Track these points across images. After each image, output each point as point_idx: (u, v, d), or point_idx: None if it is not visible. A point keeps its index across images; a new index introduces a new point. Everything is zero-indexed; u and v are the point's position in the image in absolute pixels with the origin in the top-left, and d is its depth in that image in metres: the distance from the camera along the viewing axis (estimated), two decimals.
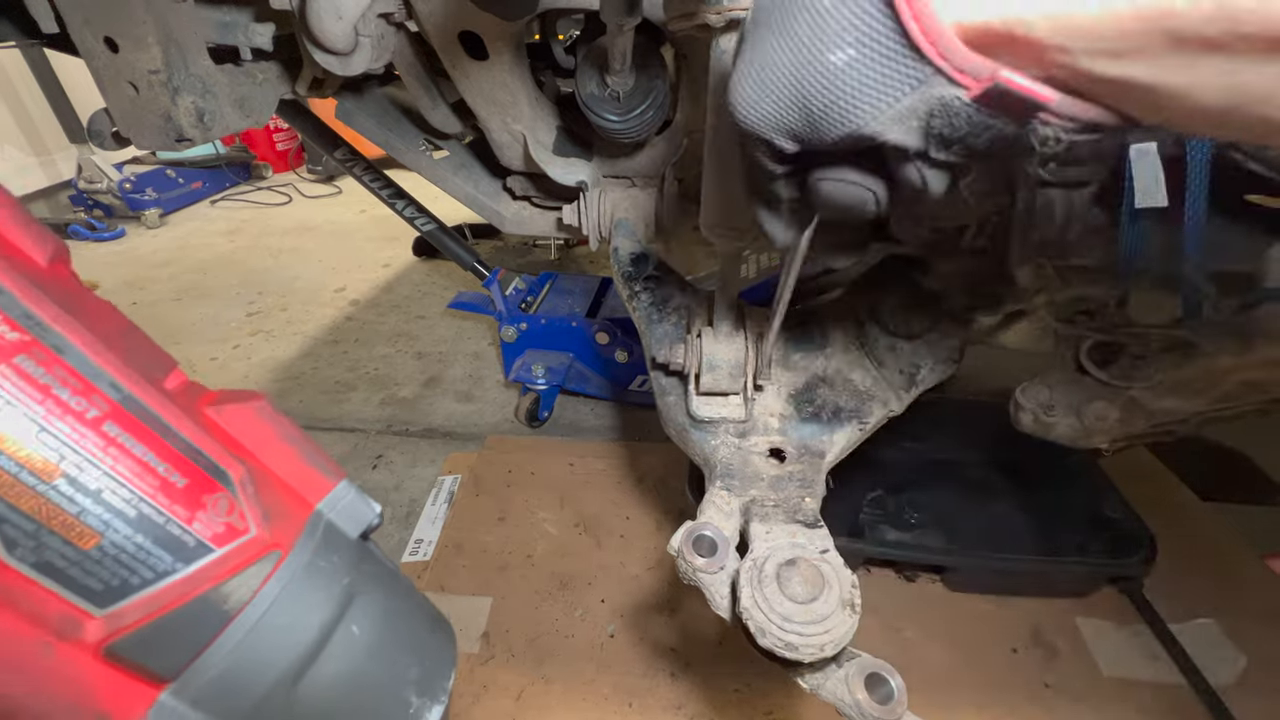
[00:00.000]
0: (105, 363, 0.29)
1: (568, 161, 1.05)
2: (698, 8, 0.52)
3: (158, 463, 0.29)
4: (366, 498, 0.39)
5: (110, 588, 0.28)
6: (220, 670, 0.30)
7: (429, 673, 0.38)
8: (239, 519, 0.31)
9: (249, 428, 0.35)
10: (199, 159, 3.94)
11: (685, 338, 0.78)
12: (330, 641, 0.33)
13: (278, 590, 0.31)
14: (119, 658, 0.28)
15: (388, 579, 0.39)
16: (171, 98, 0.89)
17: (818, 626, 0.51)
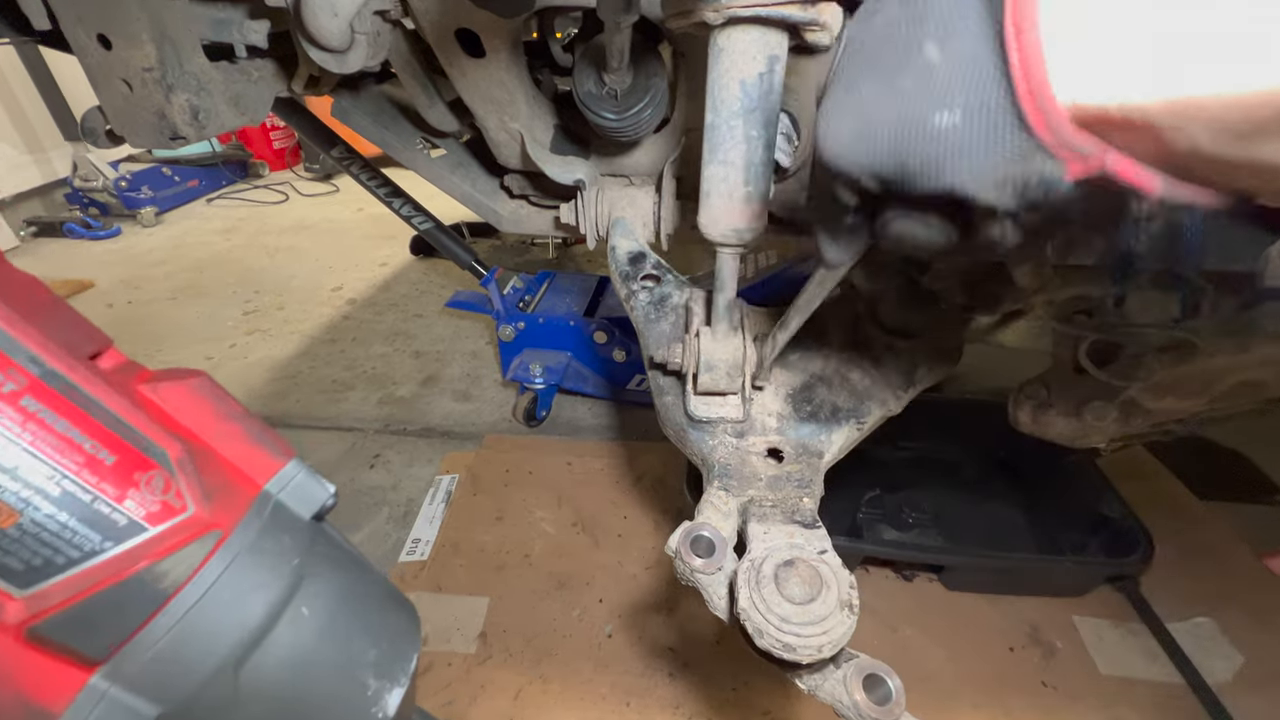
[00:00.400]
0: (23, 336, 0.27)
1: (565, 160, 1.04)
2: (695, 5, 0.52)
3: (83, 439, 0.28)
4: (319, 477, 0.37)
5: (32, 567, 0.27)
6: (157, 652, 0.29)
7: (388, 655, 0.37)
8: (175, 497, 0.30)
9: (188, 406, 0.34)
10: (195, 157, 3.92)
11: (683, 337, 0.78)
12: (278, 623, 0.32)
13: (219, 570, 0.30)
14: (43, 639, 0.27)
15: (343, 560, 0.38)
16: (166, 95, 0.88)
17: (815, 628, 0.51)
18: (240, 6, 0.91)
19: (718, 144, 0.59)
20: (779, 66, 0.55)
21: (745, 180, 0.60)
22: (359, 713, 0.35)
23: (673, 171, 1.02)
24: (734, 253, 0.66)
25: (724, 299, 0.71)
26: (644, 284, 0.90)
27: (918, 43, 0.29)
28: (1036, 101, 0.26)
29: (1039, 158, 0.27)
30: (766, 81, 0.55)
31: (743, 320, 0.76)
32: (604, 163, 1.07)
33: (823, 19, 0.52)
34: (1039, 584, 1.26)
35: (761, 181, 0.61)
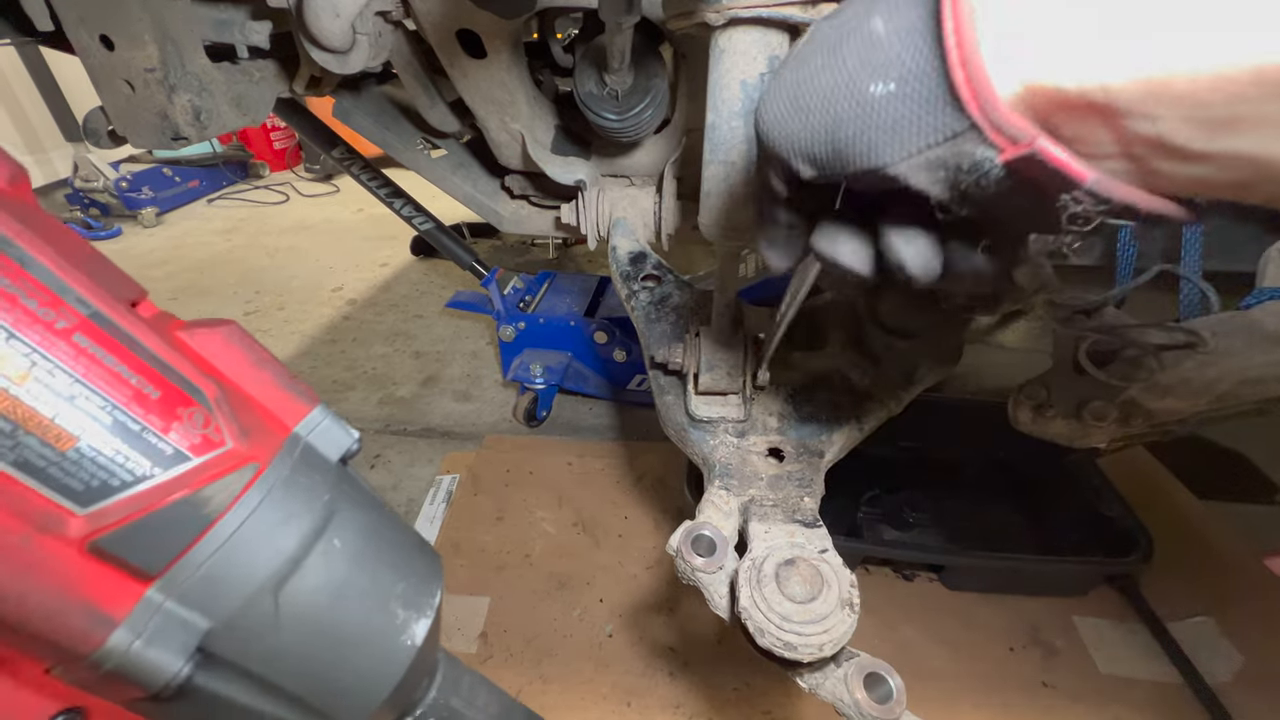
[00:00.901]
0: (72, 279, 0.29)
1: (566, 160, 1.05)
2: (697, 6, 0.52)
3: (130, 374, 0.30)
4: (344, 423, 0.39)
5: (90, 488, 0.29)
6: (205, 571, 0.31)
7: (414, 588, 0.39)
8: (215, 432, 0.32)
9: (222, 351, 0.36)
10: (196, 157, 3.92)
11: (684, 337, 0.78)
12: (312, 552, 0.34)
13: (258, 500, 0.33)
14: (103, 553, 0.29)
15: (369, 501, 0.40)
16: (168, 96, 0.88)
17: (816, 626, 0.51)
18: (242, 7, 0.92)
19: (718, 144, 0.59)
20: None
21: (746, 180, 0.60)
22: (390, 638, 0.37)
23: (673, 172, 1.02)
24: (734, 253, 0.66)
25: (724, 299, 0.71)
26: (645, 284, 0.91)
27: (867, 16, 0.28)
28: (969, 73, 0.25)
29: (970, 137, 0.26)
30: (767, 82, 0.55)
31: (743, 320, 0.76)
32: (605, 163, 1.08)
33: None
34: (1039, 584, 1.26)
35: None
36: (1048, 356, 0.81)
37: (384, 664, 0.37)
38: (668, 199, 1.04)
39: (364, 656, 0.36)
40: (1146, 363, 0.74)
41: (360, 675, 0.36)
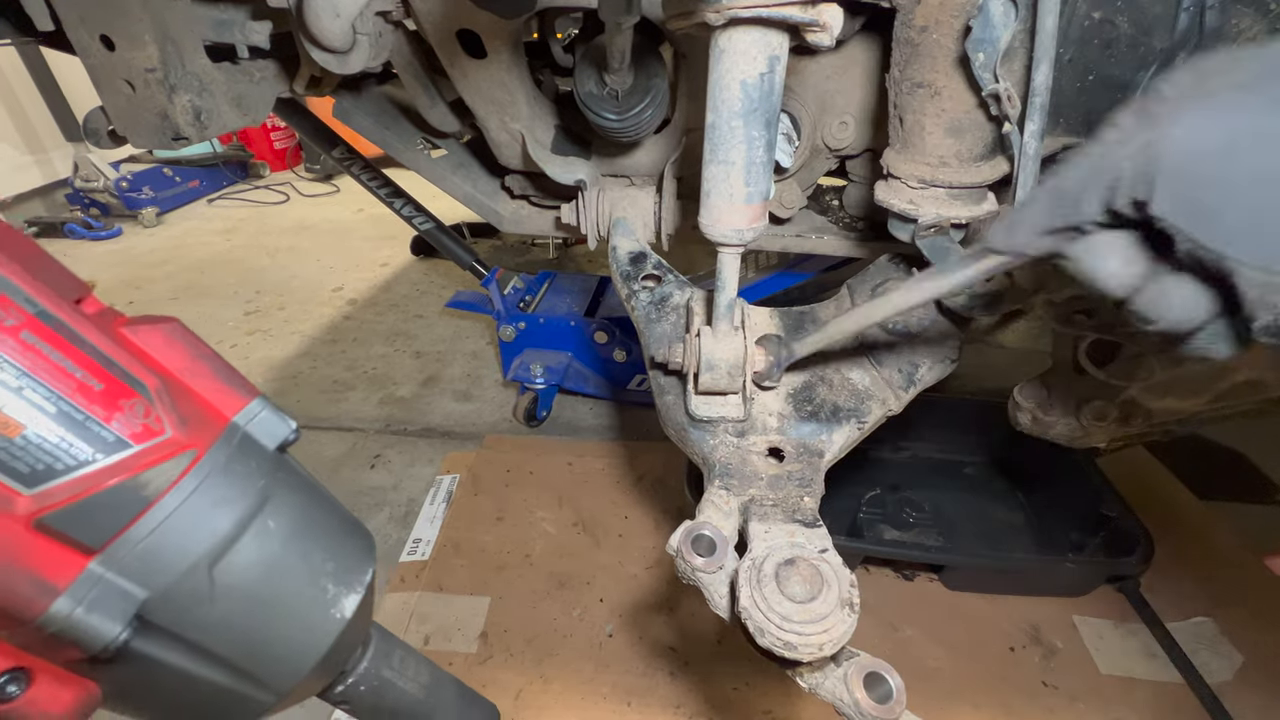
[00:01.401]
0: (19, 279, 0.32)
1: (566, 160, 1.05)
2: (697, 6, 0.52)
3: (74, 368, 0.33)
4: (283, 414, 0.43)
5: (36, 471, 0.32)
6: (143, 547, 0.34)
7: (345, 566, 0.42)
8: (155, 422, 0.35)
9: (163, 346, 0.39)
10: (196, 158, 3.92)
11: (684, 337, 0.78)
12: (246, 532, 0.38)
13: (194, 485, 0.36)
14: (48, 529, 0.32)
15: (304, 486, 0.43)
16: (168, 96, 0.88)
17: (816, 626, 0.51)
18: (242, 7, 0.92)
19: (718, 144, 0.59)
20: (780, 67, 0.55)
21: (746, 180, 0.60)
22: (319, 611, 0.41)
23: (673, 172, 1.02)
24: (735, 252, 0.66)
25: (725, 298, 0.71)
26: (645, 284, 0.91)
27: None
28: None
29: None
30: (767, 82, 0.55)
31: (743, 320, 0.76)
32: (605, 163, 1.08)
33: (823, 20, 0.52)
34: (1039, 584, 1.26)
35: (762, 181, 0.61)
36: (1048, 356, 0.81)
37: (313, 634, 0.41)
38: (668, 199, 1.04)
39: (294, 627, 0.40)
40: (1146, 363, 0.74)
41: (290, 644, 0.40)
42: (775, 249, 1.14)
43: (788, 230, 1.10)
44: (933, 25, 0.63)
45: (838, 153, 0.98)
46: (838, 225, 1.10)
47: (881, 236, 1.05)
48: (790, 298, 1.57)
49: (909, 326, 0.83)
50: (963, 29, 0.61)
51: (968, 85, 0.64)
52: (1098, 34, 0.68)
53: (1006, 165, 0.70)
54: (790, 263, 1.60)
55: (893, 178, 0.74)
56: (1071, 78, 0.70)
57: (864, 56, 0.88)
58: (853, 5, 0.71)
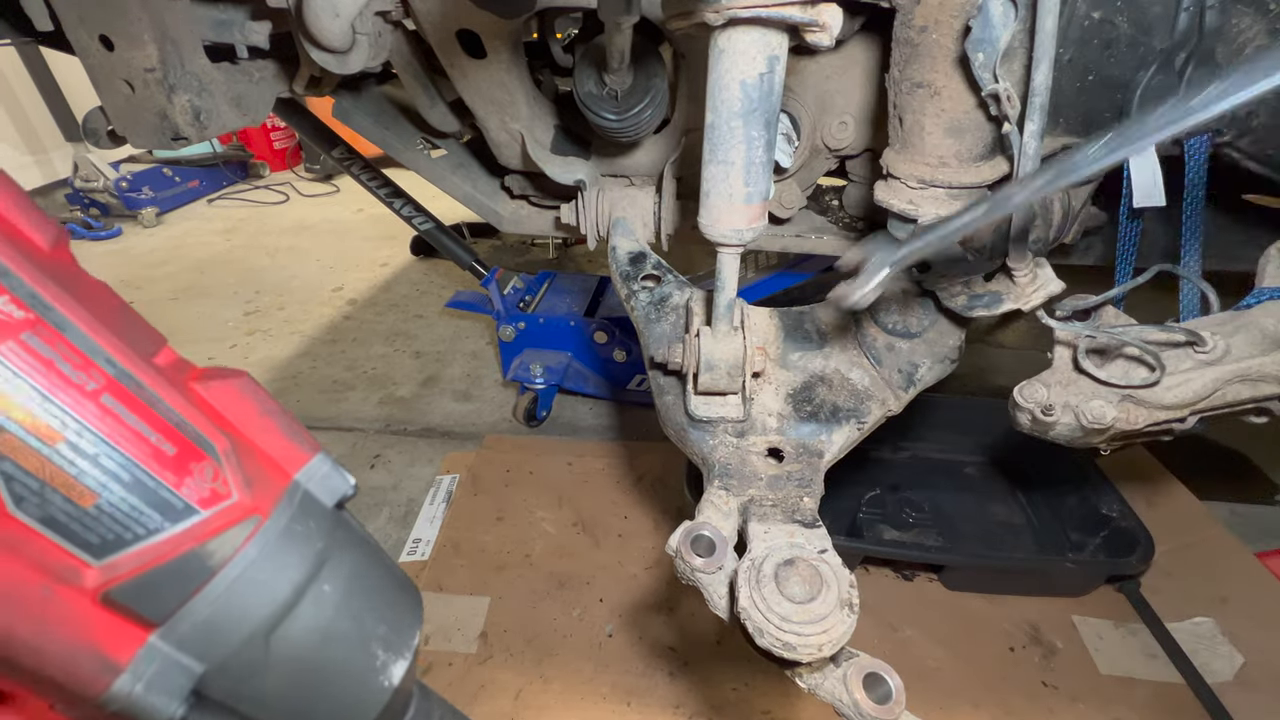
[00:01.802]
0: (102, 340, 0.32)
1: (566, 160, 1.05)
2: (696, 6, 0.52)
3: (150, 432, 0.33)
4: (342, 470, 0.42)
5: (106, 541, 0.31)
6: (203, 618, 0.33)
7: (395, 631, 0.41)
8: (223, 485, 0.35)
9: (232, 402, 0.38)
10: (196, 158, 3.92)
11: (683, 337, 0.78)
12: (304, 598, 0.37)
13: (257, 551, 0.35)
14: (114, 603, 0.31)
15: (359, 545, 0.42)
16: (167, 96, 0.88)
17: (816, 626, 0.51)
18: (242, 7, 0.92)
19: (718, 144, 0.59)
20: (779, 67, 0.55)
21: (745, 180, 0.60)
22: (369, 680, 0.40)
23: (673, 172, 1.02)
24: (734, 253, 0.66)
25: (724, 299, 0.71)
26: (644, 284, 0.91)
27: None
28: None
29: None
30: (767, 82, 0.55)
31: (743, 320, 0.76)
32: (604, 163, 1.08)
33: (822, 20, 0.52)
34: (1039, 584, 1.26)
35: (762, 181, 0.61)
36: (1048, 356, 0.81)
37: (362, 704, 0.40)
38: (667, 199, 1.04)
39: (343, 696, 0.39)
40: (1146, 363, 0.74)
41: (338, 713, 0.39)
42: (775, 249, 1.14)
43: (787, 230, 1.10)
44: (932, 25, 0.63)
45: (837, 153, 0.98)
46: (837, 225, 1.10)
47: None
48: (790, 298, 1.57)
49: (909, 327, 0.83)
50: (962, 29, 0.61)
51: (967, 85, 0.64)
52: (1098, 34, 0.68)
53: (1006, 165, 0.70)
54: (790, 263, 1.60)
55: (892, 178, 0.74)
56: (1071, 78, 0.70)
57: (864, 56, 0.88)
58: (852, 5, 0.71)
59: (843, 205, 1.11)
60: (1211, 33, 0.66)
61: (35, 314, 0.30)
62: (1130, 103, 0.70)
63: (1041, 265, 0.71)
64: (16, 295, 0.30)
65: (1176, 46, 0.67)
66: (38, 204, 0.36)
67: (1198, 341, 0.72)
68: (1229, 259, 0.97)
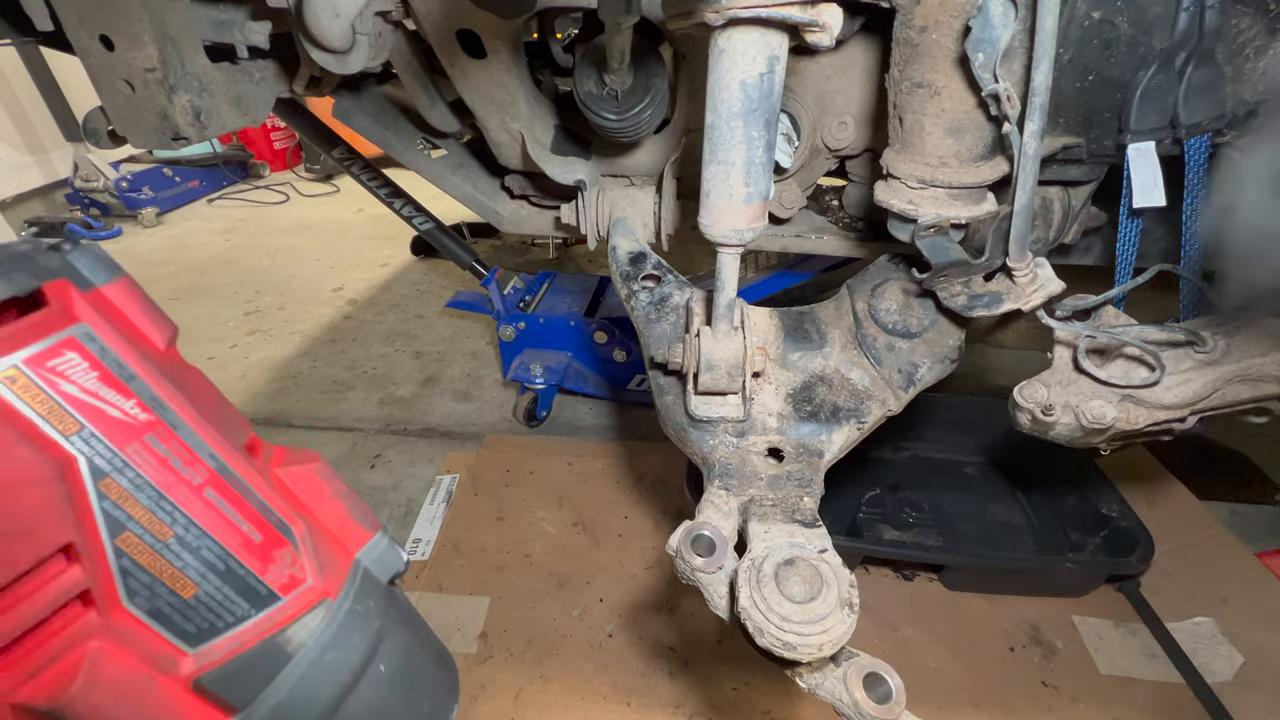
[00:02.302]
0: (206, 435, 0.34)
1: (566, 160, 1.05)
2: (696, 6, 0.52)
3: (242, 522, 0.35)
4: (397, 547, 0.44)
5: (201, 630, 0.33)
6: (279, 702, 0.35)
7: (438, 706, 0.43)
8: (299, 570, 0.37)
9: (309, 486, 0.41)
10: (196, 158, 3.92)
11: (683, 337, 0.78)
12: (363, 678, 0.38)
13: (328, 634, 0.37)
14: (204, 691, 0.33)
15: (409, 623, 0.44)
16: (168, 96, 0.88)
17: (816, 626, 0.51)
18: (242, 7, 0.92)
19: (718, 144, 0.59)
20: (779, 67, 0.55)
21: (745, 180, 0.60)
22: None
23: (673, 172, 1.02)
24: (734, 253, 0.66)
25: (724, 299, 0.71)
26: (644, 284, 0.91)
27: None
28: None
29: None
30: (767, 82, 0.55)
31: (743, 320, 0.76)
32: (605, 163, 1.08)
33: (822, 20, 0.52)
34: (1039, 584, 1.26)
35: (762, 182, 0.61)
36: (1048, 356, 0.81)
37: None
38: (667, 199, 1.04)
39: None
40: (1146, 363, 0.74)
41: None
42: (775, 249, 1.14)
43: (787, 230, 1.10)
44: (932, 25, 0.63)
45: (837, 153, 0.98)
46: (837, 225, 1.10)
47: (881, 236, 1.05)
48: (790, 298, 1.57)
49: (909, 326, 0.83)
50: (962, 29, 0.61)
51: (967, 85, 0.64)
52: (1098, 34, 0.68)
53: (1006, 165, 0.70)
54: (790, 263, 1.60)
55: (892, 178, 0.74)
56: (1071, 78, 0.70)
57: (864, 56, 0.88)
58: (852, 5, 0.71)
59: (843, 205, 1.11)
60: (1211, 33, 0.66)
61: (155, 415, 0.32)
62: (1130, 103, 0.70)
63: (1041, 265, 0.71)
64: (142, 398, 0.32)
65: (1176, 46, 0.67)
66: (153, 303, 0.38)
67: (1198, 341, 0.72)
68: None
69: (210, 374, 0.42)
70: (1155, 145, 0.73)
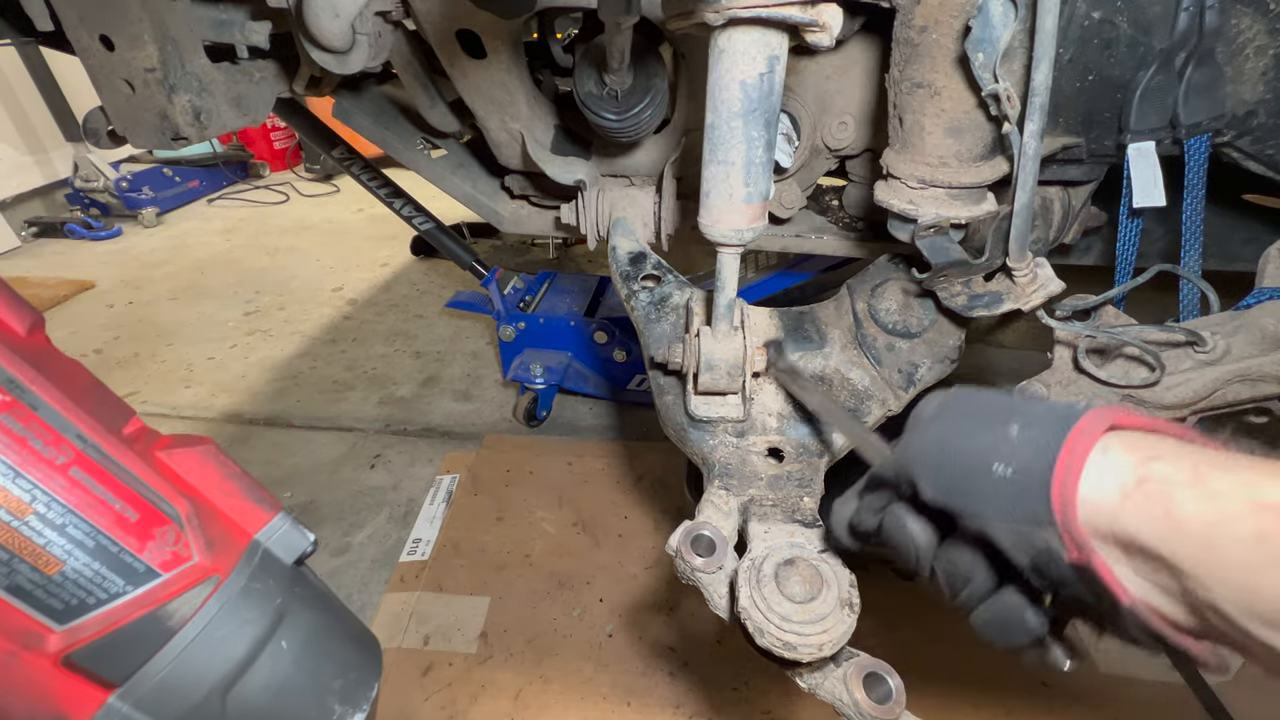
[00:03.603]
0: (73, 416, 0.34)
1: (566, 160, 1.05)
2: (696, 6, 0.52)
3: (114, 500, 0.34)
4: (302, 528, 0.43)
5: (70, 606, 0.32)
6: (162, 678, 0.34)
7: (352, 684, 0.43)
8: (183, 548, 0.36)
9: (196, 469, 0.40)
10: (196, 158, 3.92)
11: (683, 337, 0.78)
12: (261, 654, 0.38)
13: (216, 609, 0.36)
14: (75, 666, 0.32)
15: (318, 600, 0.43)
16: (168, 96, 0.88)
17: (816, 626, 0.51)
18: (242, 7, 0.92)
19: (718, 144, 0.59)
20: (779, 67, 0.55)
21: (745, 180, 0.60)
22: None
23: (673, 172, 1.02)
24: (734, 253, 0.67)
25: (724, 299, 0.71)
26: (644, 284, 0.91)
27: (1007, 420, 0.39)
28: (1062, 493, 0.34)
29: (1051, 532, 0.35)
30: (767, 82, 0.55)
31: (743, 320, 0.76)
32: (605, 163, 1.08)
33: (822, 20, 0.52)
34: None
35: (762, 181, 0.61)
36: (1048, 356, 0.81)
37: None
38: (667, 199, 1.04)
39: None
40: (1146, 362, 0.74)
41: None
42: (775, 249, 1.14)
43: (787, 230, 1.10)
44: (932, 25, 0.63)
45: (837, 153, 0.98)
46: (837, 225, 1.10)
47: (881, 236, 1.05)
48: (790, 298, 1.57)
49: (909, 326, 0.83)
50: (962, 29, 0.61)
51: (967, 85, 0.64)
52: (1098, 34, 0.68)
53: (1006, 165, 0.70)
54: (790, 263, 1.60)
55: (892, 178, 0.74)
56: (1071, 78, 0.70)
57: (864, 56, 0.88)
58: (852, 5, 0.71)
59: (843, 205, 1.11)
60: (1211, 33, 0.66)
61: (11, 396, 0.32)
62: (1130, 103, 0.70)
63: (1041, 265, 0.71)
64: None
65: (1176, 46, 0.67)
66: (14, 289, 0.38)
67: (1198, 341, 0.72)
68: (1229, 259, 0.97)
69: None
70: (1155, 145, 0.73)
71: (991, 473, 0.38)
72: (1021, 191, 0.64)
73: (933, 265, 0.72)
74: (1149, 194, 0.74)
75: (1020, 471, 0.37)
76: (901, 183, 0.73)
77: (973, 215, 0.71)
